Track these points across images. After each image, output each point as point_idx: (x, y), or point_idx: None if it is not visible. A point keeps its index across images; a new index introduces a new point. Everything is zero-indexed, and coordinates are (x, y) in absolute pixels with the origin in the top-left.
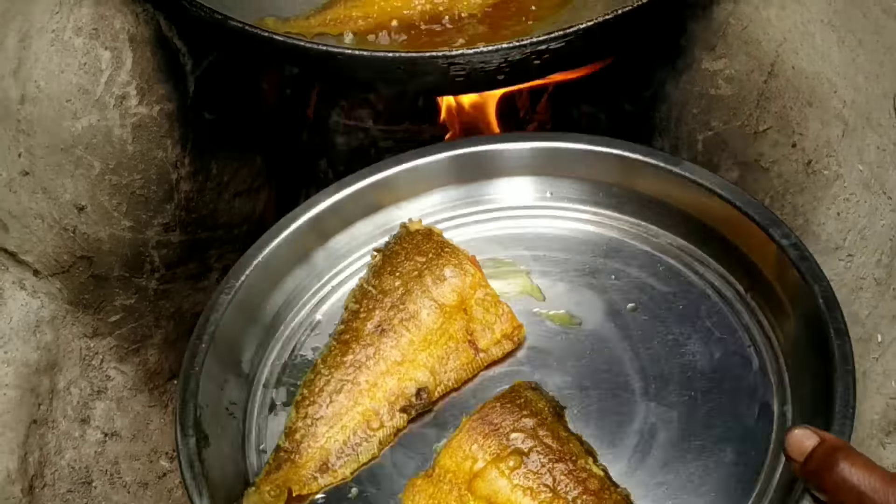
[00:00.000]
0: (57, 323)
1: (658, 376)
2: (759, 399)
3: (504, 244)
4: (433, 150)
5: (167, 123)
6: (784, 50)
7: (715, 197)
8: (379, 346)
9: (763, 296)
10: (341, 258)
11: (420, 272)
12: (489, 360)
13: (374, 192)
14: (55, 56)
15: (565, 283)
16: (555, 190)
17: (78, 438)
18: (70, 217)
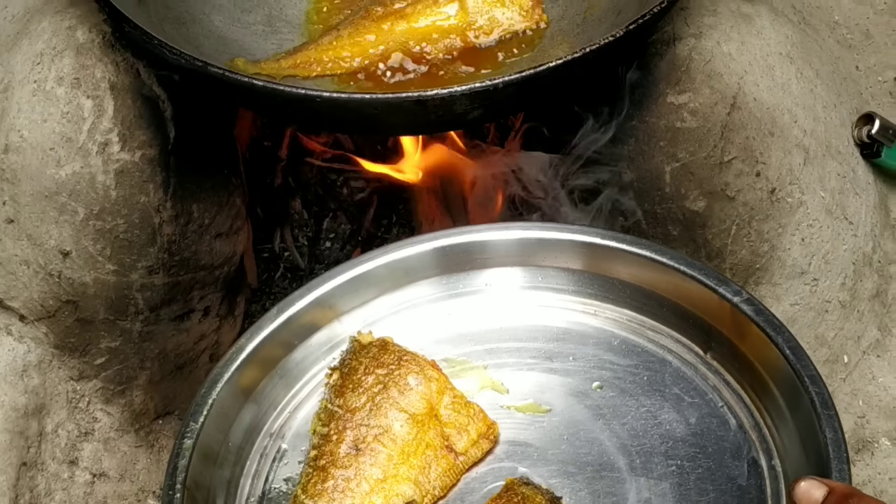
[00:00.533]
0: (44, 367)
1: (640, 451)
2: (745, 457)
3: (453, 342)
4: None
5: (149, 169)
6: (745, 83)
7: (660, 266)
8: (358, 467)
9: (723, 355)
10: (293, 382)
11: (384, 384)
12: (469, 463)
13: (312, 310)
14: (38, 106)
15: (524, 371)
16: (492, 280)
17: (67, 480)
18: (55, 263)
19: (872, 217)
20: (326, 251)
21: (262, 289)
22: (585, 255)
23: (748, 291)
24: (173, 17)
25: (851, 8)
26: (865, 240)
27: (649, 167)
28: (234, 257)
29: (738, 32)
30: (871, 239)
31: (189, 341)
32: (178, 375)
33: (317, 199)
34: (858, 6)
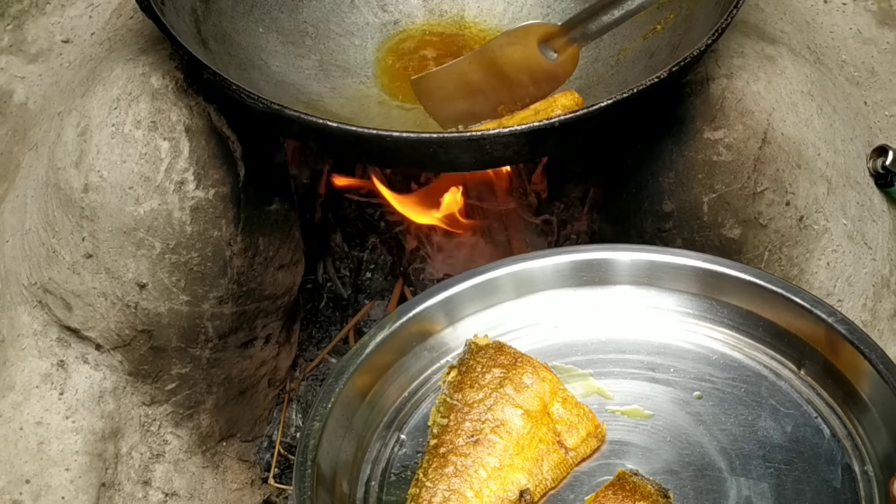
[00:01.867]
0: (118, 393)
1: (739, 454)
2: (840, 463)
3: (560, 352)
4: (481, 270)
5: (222, 205)
6: (773, 119)
7: (758, 288)
8: (476, 456)
9: (816, 371)
10: (410, 381)
11: (500, 382)
12: (579, 458)
13: (429, 315)
14: (116, 147)
15: (627, 380)
16: (597, 297)
17: (141, 499)
18: (132, 294)
19: (888, 242)
20: (368, 281)
21: (307, 318)
22: (690, 279)
23: (842, 313)
24: (236, 63)
25: (857, 48)
26: (883, 263)
27: (688, 198)
28: (294, 287)
29: (765, 73)
30: (888, 262)
31: (251, 367)
32: (240, 400)
33: (357, 233)
34: (864, 46)
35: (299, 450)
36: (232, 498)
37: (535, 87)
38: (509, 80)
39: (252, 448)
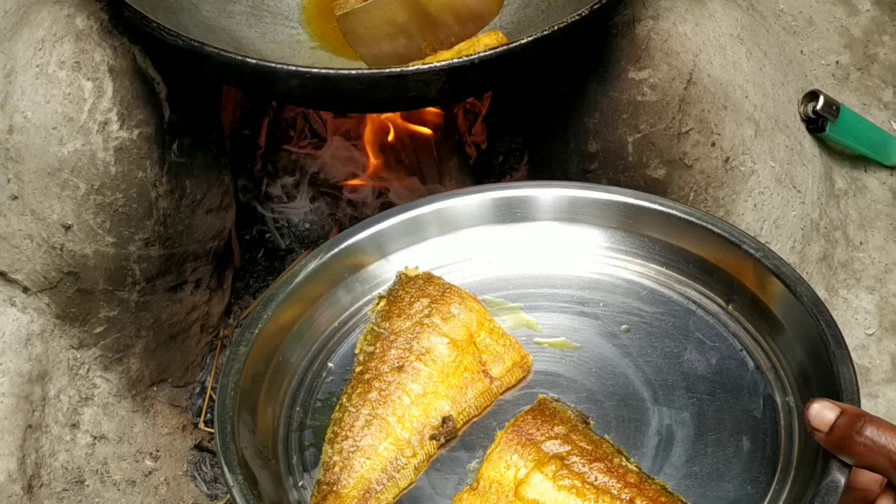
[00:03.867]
0: (46, 336)
1: (663, 385)
2: (762, 393)
3: (491, 285)
4: (414, 205)
5: (146, 146)
6: (700, 60)
7: (687, 224)
8: (400, 382)
9: (744, 306)
10: (341, 312)
11: (428, 312)
12: (504, 388)
13: (362, 248)
14: (41, 88)
15: (557, 313)
16: (529, 233)
17: (69, 442)
18: (57, 236)
19: (819, 187)
20: (306, 232)
21: (245, 268)
22: (618, 214)
23: (769, 247)
24: (165, 6)
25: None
26: (812, 207)
27: (613, 138)
28: (224, 232)
29: (693, 15)
30: (818, 207)
31: (182, 311)
32: (171, 345)
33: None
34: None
35: (223, 372)
36: (162, 442)
37: (460, 27)
38: (434, 19)
39: (184, 394)
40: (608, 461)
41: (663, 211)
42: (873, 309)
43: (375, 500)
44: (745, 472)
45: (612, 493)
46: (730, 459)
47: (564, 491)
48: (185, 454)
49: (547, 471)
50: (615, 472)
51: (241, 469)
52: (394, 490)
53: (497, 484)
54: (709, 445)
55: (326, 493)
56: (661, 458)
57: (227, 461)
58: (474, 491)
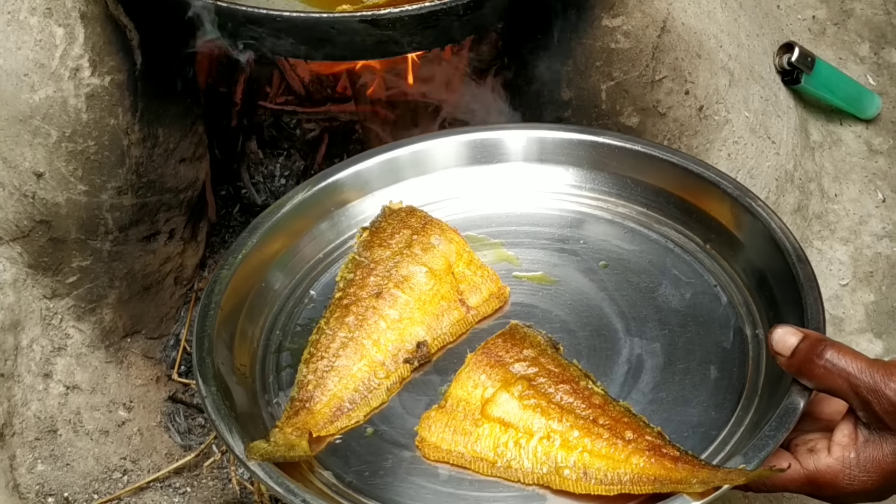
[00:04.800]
0: (18, 285)
1: (636, 317)
2: (732, 326)
3: (475, 222)
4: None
5: (118, 93)
6: (674, 8)
7: (668, 165)
8: (377, 307)
9: (721, 244)
10: (326, 243)
11: (408, 242)
12: (479, 317)
13: (348, 184)
14: (12, 35)
15: (537, 250)
16: (517, 175)
17: (42, 391)
18: (29, 184)
19: (794, 138)
20: (282, 187)
21: (221, 223)
22: (600, 155)
23: (743, 185)
24: None
25: None
26: (787, 158)
27: (586, 86)
28: (197, 182)
29: None
30: (793, 158)
31: (155, 262)
32: (144, 296)
33: (271, 140)
34: None
35: (205, 293)
36: (136, 393)
37: None
38: None
39: (158, 346)
40: (574, 383)
41: (644, 152)
42: (847, 260)
43: (346, 417)
44: (710, 399)
45: (576, 412)
46: (696, 387)
47: (529, 410)
48: (158, 405)
49: (513, 390)
50: (580, 394)
51: (215, 382)
52: (365, 409)
53: (464, 402)
54: (676, 374)
55: (299, 409)
56: (629, 385)
57: (202, 374)
58: (442, 409)
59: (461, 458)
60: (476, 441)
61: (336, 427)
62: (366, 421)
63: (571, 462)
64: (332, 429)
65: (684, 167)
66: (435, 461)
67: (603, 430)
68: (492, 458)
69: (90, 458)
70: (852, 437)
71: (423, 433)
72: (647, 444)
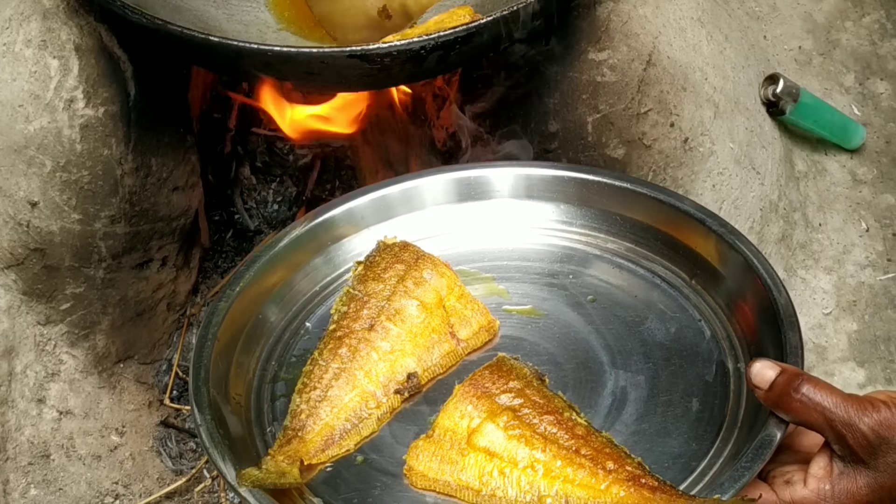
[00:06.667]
0: (13, 312)
1: (622, 350)
2: (715, 360)
3: (466, 257)
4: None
5: (111, 123)
6: (660, 42)
7: (656, 202)
8: (370, 339)
9: (706, 280)
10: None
11: (401, 277)
12: (469, 349)
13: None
14: (7, 66)
15: (527, 284)
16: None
17: (35, 416)
18: (24, 213)
19: (778, 168)
20: (274, 213)
21: (214, 248)
22: (589, 191)
23: (730, 224)
24: None
25: None
26: (772, 189)
27: (573, 118)
28: (190, 210)
29: None
30: (778, 188)
31: (148, 289)
32: (137, 322)
33: (264, 166)
34: None
35: (203, 324)
36: (128, 418)
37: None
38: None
39: (150, 371)
40: (558, 414)
41: (632, 189)
42: (831, 289)
43: (337, 446)
44: (691, 431)
45: (560, 443)
46: (678, 419)
47: (514, 440)
48: (150, 430)
49: (499, 421)
50: (564, 425)
51: (210, 411)
52: (356, 438)
53: (451, 433)
54: (659, 406)
55: (291, 438)
56: (613, 416)
57: (197, 402)
58: (430, 438)
59: (447, 487)
60: (462, 470)
61: (327, 455)
62: (356, 449)
63: (554, 491)
64: (323, 457)
65: (671, 204)
66: (422, 489)
67: (585, 460)
68: (477, 487)
69: (83, 482)
70: (827, 469)
71: (411, 462)
72: (628, 474)
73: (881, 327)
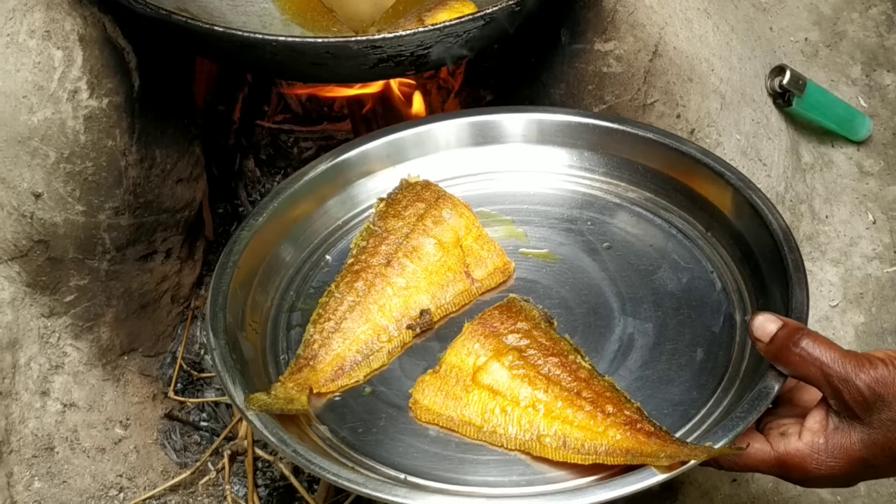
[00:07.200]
0: (17, 304)
1: (633, 298)
2: (723, 312)
3: (490, 201)
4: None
5: (116, 114)
6: (666, 33)
7: (676, 153)
8: (386, 275)
9: (721, 233)
10: (346, 212)
11: (421, 215)
12: (483, 290)
13: (368, 157)
14: (11, 57)
15: (545, 228)
16: (533, 155)
17: (39, 409)
18: (28, 204)
19: (785, 160)
20: None
21: (218, 241)
22: (613, 140)
23: (748, 178)
24: None
25: None
26: (778, 180)
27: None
28: (194, 202)
29: None
30: (784, 180)
31: (152, 281)
32: (142, 314)
33: (268, 158)
34: None
35: (224, 252)
36: (133, 410)
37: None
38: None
39: (155, 363)
40: (563, 357)
41: (656, 140)
42: (838, 281)
43: (347, 377)
44: (693, 379)
45: (562, 384)
46: (682, 367)
47: (518, 380)
48: (155, 423)
49: (504, 360)
50: (568, 367)
51: (224, 335)
52: (365, 370)
53: (457, 369)
54: (664, 354)
55: (302, 366)
56: (618, 362)
57: (213, 327)
58: (436, 374)
59: (450, 422)
60: (465, 406)
61: (336, 385)
62: (365, 381)
63: (552, 431)
64: (332, 386)
65: (692, 156)
66: (426, 423)
67: (585, 402)
68: (478, 423)
69: (87, 475)
70: (823, 423)
71: (417, 395)
72: (625, 418)
73: (888, 319)
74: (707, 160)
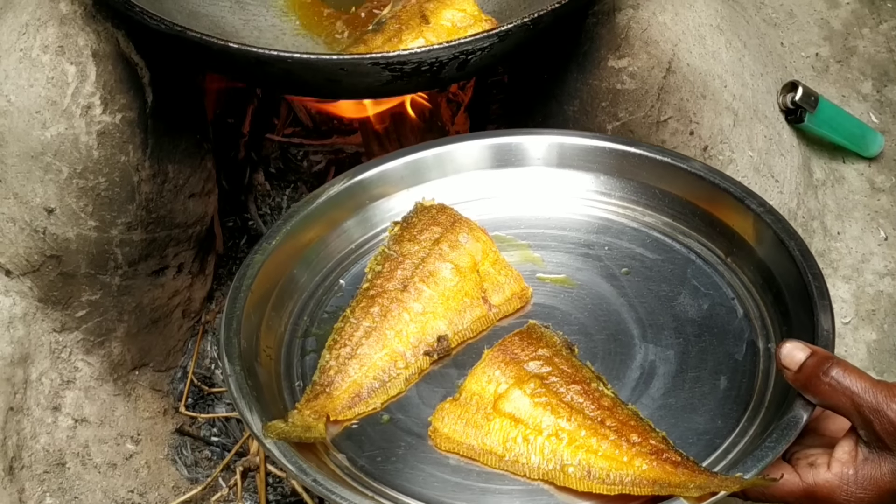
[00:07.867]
0: (28, 319)
1: (653, 324)
2: (746, 339)
3: (504, 224)
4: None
5: (129, 130)
6: (679, 50)
7: (695, 177)
8: (402, 300)
9: (742, 258)
10: (359, 235)
11: (437, 239)
12: (501, 315)
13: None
14: (24, 72)
15: (563, 253)
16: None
17: (51, 424)
18: (40, 219)
19: (797, 177)
20: None
21: (228, 255)
22: (629, 164)
23: (770, 204)
24: None
25: None
26: (790, 197)
27: (593, 126)
28: (206, 217)
29: (672, 5)
30: (796, 196)
31: (164, 296)
32: (153, 329)
33: (278, 172)
34: None
35: (237, 276)
36: (143, 426)
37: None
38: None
39: (166, 378)
40: (586, 384)
41: (673, 164)
42: (850, 298)
43: (364, 403)
44: (717, 408)
45: (585, 413)
46: (705, 395)
47: (540, 407)
48: (165, 438)
49: (526, 388)
50: (591, 395)
51: (239, 361)
52: (382, 397)
53: (478, 396)
54: (687, 382)
55: (318, 393)
56: (640, 390)
57: (227, 353)
58: (456, 401)
59: (471, 450)
60: (486, 434)
61: (353, 412)
62: (383, 408)
63: (577, 461)
64: (349, 414)
65: (711, 181)
66: (446, 451)
67: (609, 431)
68: (500, 452)
69: (98, 491)
70: (852, 454)
71: (437, 423)
72: (651, 447)
73: None
74: (727, 185)
